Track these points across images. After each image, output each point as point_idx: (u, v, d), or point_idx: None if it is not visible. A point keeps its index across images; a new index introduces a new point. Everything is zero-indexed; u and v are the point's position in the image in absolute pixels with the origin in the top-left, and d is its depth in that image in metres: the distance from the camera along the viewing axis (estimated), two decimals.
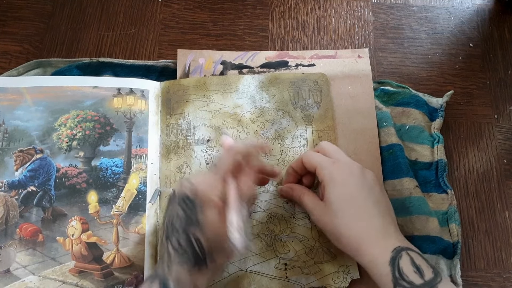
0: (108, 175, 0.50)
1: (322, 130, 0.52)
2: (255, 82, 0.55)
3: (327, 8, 0.64)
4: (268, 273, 0.46)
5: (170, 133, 0.53)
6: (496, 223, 0.53)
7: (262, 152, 0.44)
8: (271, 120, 0.53)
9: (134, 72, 0.57)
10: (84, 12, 0.62)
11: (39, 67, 0.56)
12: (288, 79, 0.54)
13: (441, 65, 0.61)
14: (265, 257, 0.47)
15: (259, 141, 0.51)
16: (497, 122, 0.58)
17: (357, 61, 0.58)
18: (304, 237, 0.48)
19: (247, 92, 0.55)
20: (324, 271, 0.46)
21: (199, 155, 0.52)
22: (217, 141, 0.52)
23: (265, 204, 0.50)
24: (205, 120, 0.53)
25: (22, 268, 0.46)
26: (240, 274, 0.46)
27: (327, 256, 0.47)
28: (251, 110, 0.54)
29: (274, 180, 0.49)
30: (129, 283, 0.46)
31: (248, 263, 0.47)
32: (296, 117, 0.53)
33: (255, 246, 0.48)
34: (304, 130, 0.53)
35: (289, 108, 0.54)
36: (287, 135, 0.53)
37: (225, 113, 0.54)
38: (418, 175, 0.53)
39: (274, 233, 0.48)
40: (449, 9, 0.65)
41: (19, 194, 0.49)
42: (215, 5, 0.63)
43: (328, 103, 0.52)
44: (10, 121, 0.51)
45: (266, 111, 0.54)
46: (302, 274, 0.46)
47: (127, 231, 0.48)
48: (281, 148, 0.52)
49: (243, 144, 0.43)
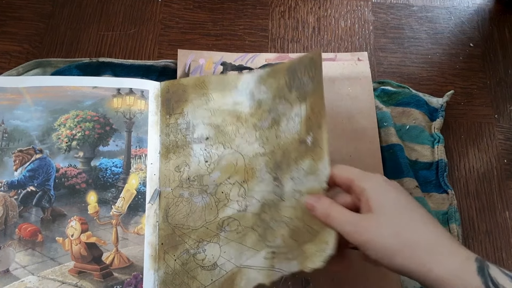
0: (107, 176, 0.50)
1: (314, 102, 0.46)
2: (255, 77, 0.53)
3: (327, 8, 0.64)
4: (258, 265, 0.43)
5: (169, 132, 0.53)
6: (496, 223, 0.53)
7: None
8: (268, 109, 0.51)
9: (134, 72, 0.57)
10: (84, 12, 0.62)
11: (39, 67, 0.56)
12: (285, 67, 0.51)
13: (442, 65, 0.61)
14: (257, 249, 0.44)
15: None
16: (497, 122, 0.58)
17: (357, 64, 0.58)
18: (291, 218, 0.43)
19: (246, 89, 0.53)
20: (306, 253, 0.40)
21: (198, 153, 0.51)
22: (216, 139, 0.52)
23: (260, 194, 0.47)
24: (204, 119, 0.53)
25: (21, 268, 0.46)
26: (235, 271, 0.45)
27: (309, 235, 0.40)
28: (250, 105, 0.53)
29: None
30: (128, 284, 0.46)
31: (242, 259, 0.45)
32: (291, 98, 0.49)
33: (250, 240, 0.45)
34: (299, 108, 0.48)
35: (284, 92, 0.50)
36: (282, 119, 0.49)
37: (224, 110, 0.53)
38: (418, 175, 0.53)
39: (265, 222, 0.45)
40: (450, 9, 0.65)
41: (19, 194, 0.49)
42: (215, 5, 0.63)
43: (320, 75, 0.46)
44: (9, 121, 0.51)
45: (263, 102, 0.52)
46: (285, 260, 0.41)
47: (127, 232, 0.48)
48: (276, 133, 0.49)
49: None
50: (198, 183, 0.50)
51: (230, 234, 0.47)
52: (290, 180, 0.44)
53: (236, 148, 0.51)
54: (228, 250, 0.46)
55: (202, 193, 0.50)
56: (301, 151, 0.44)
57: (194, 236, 0.47)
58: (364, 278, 0.49)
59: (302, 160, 0.44)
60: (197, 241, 0.47)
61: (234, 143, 0.51)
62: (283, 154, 0.47)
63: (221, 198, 0.49)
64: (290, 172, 0.45)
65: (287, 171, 0.45)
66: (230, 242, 0.46)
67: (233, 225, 0.47)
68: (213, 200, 0.49)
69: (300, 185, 0.43)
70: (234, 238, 0.47)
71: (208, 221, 0.48)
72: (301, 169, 0.43)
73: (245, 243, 0.46)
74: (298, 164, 0.44)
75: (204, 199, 0.49)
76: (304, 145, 0.44)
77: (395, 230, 0.34)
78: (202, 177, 0.50)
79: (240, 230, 0.47)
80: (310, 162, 0.43)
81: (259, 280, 0.42)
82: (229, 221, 0.47)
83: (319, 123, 0.43)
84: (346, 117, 0.55)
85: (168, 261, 0.46)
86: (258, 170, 0.49)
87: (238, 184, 0.49)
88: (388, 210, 0.35)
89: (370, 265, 0.37)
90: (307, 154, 0.43)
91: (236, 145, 0.51)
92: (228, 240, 0.47)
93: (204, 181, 0.50)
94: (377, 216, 0.35)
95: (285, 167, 0.46)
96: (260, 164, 0.49)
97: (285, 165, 0.46)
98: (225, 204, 0.48)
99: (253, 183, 0.49)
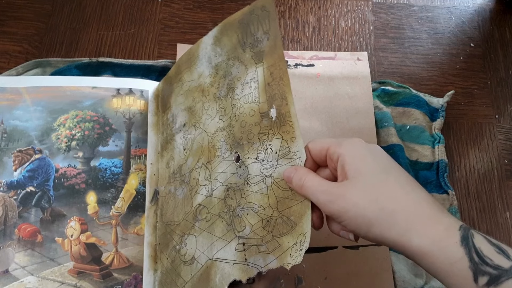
0: (107, 176, 0.50)
1: (273, 65, 0.40)
2: (210, 40, 0.47)
3: (327, 8, 0.64)
4: (230, 258, 0.38)
5: (164, 130, 0.52)
6: (497, 224, 0.53)
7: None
8: (224, 74, 0.45)
9: (134, 72, 0.57)
10: (83, 12, 0.62)
11: (39, 67, 0.56)
12: (236, 19, 0.45)
13: (442, 65, 0.61)
14: (227, 239, 0.39)
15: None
16: (498, 122, 0.58)
17: (356, 63, 0.58)
18: (260, 206, 0.38)
19: (205, 55, 0.48)
20: (283, 247, 0.36)
21: (179, 143, 0.48)
22: (190, 122, 0.47)
23: (223, 176, 0.42)
24: (181, 105, 0.49)
25: (21, 269, 0.45)
26: (209, 264, 0.40)
27: (287, 227, 0.36)
28: (209, 73, 0.47)
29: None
30: (128, 284, 0.46)
31: (213, 251, 0.40)
32: (246, 59, 0.43)
33: (218, 229, 0.40)
34: (254, 71, 0.42)
35: (238, 52, 0.44)
36: (237, 84, 0.43)
37: (192, 88, 0.48)
38: (418, 175, 0.53)
39: (231, 209, 0.40)
40: (450, 9, 0.65)
41: (18, 194, 0.49)
42: (215, 5, 0.63)
43: (276, 30, 0.41)
44: (9, 121, 0.51)
45: (219, 66, 0.46)
46: (260, 254, 0.37)
47: (126, 232, 0.48)
48: (232, 102, 0.43)
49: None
50: (179, 174, 0.47)
51: (202, 223, 0.42)
52: (256, 162, 0.39)
53: (203, 127, 0.46)
54: (201, 241, 0.41)
55: (182, 184, 0.46)
56: (264, 126, 0.39)
57: (178, 231, 0.44)
58: (356, 276, 0.49)
59: (267, 137, 0.39)
60: (181, 235, 0.44)
61: (201, 121, 0.46)
62: (241, 128, 0.41)
63: (193, 185, 0.44)
64: (253, 151, 0.40)
65: (249, 149, 0.40)
66: (202, 232, 0.42)
67: (203, 213, 0.42)
68: (188, 189, 0.45)
69: (271, 169, 0.38)
70: (205, 227, 0.42)
71: (187, 212, 0.44)
72: (268, 149, 0.39)
73: (214, 232, 0.41)
74: (263, 143, 0.39)
75: (183, 190, 0.46)
76: (267, 119, 0.39)
77: (372, 197, 0.31)
78: (181, 167, 0.47)
79: (209, 218, 0.41)
80: (279, 141, 0.38)
81: (234, 276, 0.37)
82: (200, 209, 0.43)
83: (283, 93, 0.38)
84: (344, 116, 0.55)
85: (163, 260, 0.46)
86: (218, 148, 0.43)
87: (204, 166, 0.44)
88: (364, 176, 0.31)
89: (362, 262, 0.35)
90: (273, 131, 0.39)
91: (202, 123, 0.46)
92: (201, 230, 0.42)
93: (182, 171, 0.46)
94: (352, 183, 0.31)
95: (245, 143, 0.41)
96: (220, 140, 0.43)
97: (246, 142, 0.41)
98: (196, 191, 0.44)
99: (215, 163, 0.43)
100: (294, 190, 0.35)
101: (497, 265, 0.27)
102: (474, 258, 0.27)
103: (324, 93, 0.56)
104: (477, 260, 0.27)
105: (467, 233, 0.28)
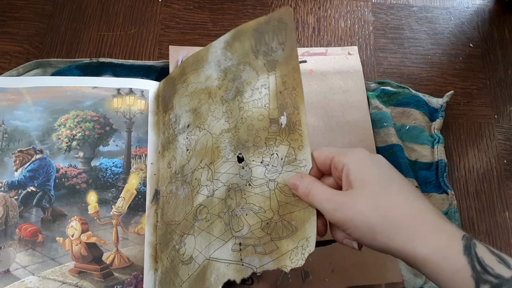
0: (107, 176, 0.50)
1: (287, 75, 0.41)
2: (221, 44, 0.48)
3: (327, 8, 0.64)
4: (226, 258, 0.39)
5: (165, 130, 0.52)
6: (496, 224, 0.53)
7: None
8: (232, 77, 0.45)
9: (134, 72, 0.57)
10: (84, 12, 0.62)
11: (39, 67, 0.56)
12: (251, 27, 0.45)
13: (441, 65, 0.61)
14: (224, 239, 0.40)
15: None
16: (497, 122, 0.58)
17: (348, 58, 0.59)
18: (261, 208, 0.39)
19: (214, 58, 0.48)
20: (282, 249, 0.36)
21: (181, 144, 0.49)
22: (194, 124, 0.48)
23: (225, 176, 0.42)
24: (185, 106, 0.50)
25: (22, 269, 0.46)
26: (205, 264, 0.41)
27: (287, 231, 0.37)
28: (218, 76, 0.47)
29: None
30: (128, 283, 0.46)
31: (210, 250, 0.41)
32: (258, 65, 0.43)
33: (216, 228, 0.40)
34: (266, 78, 0.42)
35: (250, 58, 0.44)
36: (246, 88, 0.44)
37: (199, 90, 0.49)
38: (418, 175, 0.53)
39: (231, 209, 0.40)
40: (449, 10, 0.65)
41: (19, 194, 0.49)
42: (215, 5, 0.63)
43: (293, 42, 0.41)
44: (9, 121, 0.51)
45: (228, 70, 0.46)
46: (256, 254, 0.37)
47: (127, 232, 0.48)
48: (240, 105, 0.44)
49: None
50: (180, 174, 0.47)
51: (201, 223, 0.43)
52: (261, 165, 0.40)
53: (208, 128, 0.46)
54: (200, 241, 0.42)
55: (183, 184, 0.46)
56: (272, 132, 0.40)
57: (178, 231, 0.45)
58: (363, 267, 0.49)
59: (274, 143, 0.40)
60: (180, 235, 0.44)
61: (206, 123, 0.47)
62: (248, 130, 0.42)
63: (194, 185, 0.45)
64: (259, 154, 0.40)
65: (254, 152, 0.41)
66: (201, 232, 0.42)
67: (203, 213, 0.43)
68: (189, 189, 0.46)
69: (275, 174, 0.39)
70: (204, 227, 0.42)
71: (187, 212, 0.45)
72: (274, 155, 0.39)
73: (213, 232, 0.41)
74: (270, 148, 0.40)
75: (184, 190, 0.46)
76: (276, 125, 0.40)
77: (376, 206, 0.31)
78: (183, 167, 0.47)
79: (208, 218, 0.42)
80: (286, 148, 0.39)
81: (229, 276, 0.38)
82: (200, 209, 0.43)
83: (295, 103, 0.39)
84: (339, 110, 0.56)
85: (163, 260, 0.46)
86: (222, 149, 0.44)
87: (207, 167, 0.45)
88: (369, 185, 0.32)
89: (367, 253, 0.36)
90: (281, 138, 0.39)
91: (207, 125, 0.47)
92: (200, 230, 0.43)
93: (184, 171, 0.47)
94: (357, 192, 0.32)
95: (251, 146, 0.41)
96: (224, 142, 0.44)
97: (252, 144, 0.41)
98: (198, 191, 0.44)
99: (218, 164, 0.44)
100: (300, 197, 0.36)
101: (498, 274, 0.28)
102: (476, 267, 0.28)
103: (319, 88, 0.57)
104: (479, 269, 0.28)
105: (470, 242, 0.29)
